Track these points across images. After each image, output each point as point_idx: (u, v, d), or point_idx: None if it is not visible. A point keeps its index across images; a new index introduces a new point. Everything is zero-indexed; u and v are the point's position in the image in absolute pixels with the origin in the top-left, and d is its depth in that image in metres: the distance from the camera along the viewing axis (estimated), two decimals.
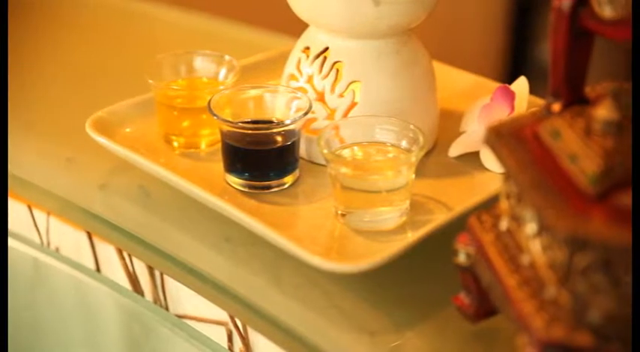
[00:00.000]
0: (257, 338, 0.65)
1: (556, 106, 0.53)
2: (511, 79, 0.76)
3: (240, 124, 0.69)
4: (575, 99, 0.53)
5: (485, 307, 0.56)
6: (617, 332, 0.45)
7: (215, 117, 0.68)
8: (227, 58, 0.77)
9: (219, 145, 0.70)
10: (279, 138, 0.69)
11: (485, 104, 0.73)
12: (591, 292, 0.45)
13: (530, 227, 0.50)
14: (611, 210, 0.45)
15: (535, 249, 0.49)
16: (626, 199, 0.45)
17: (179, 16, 1.06)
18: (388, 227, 0.65)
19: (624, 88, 0.53)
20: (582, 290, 0.45)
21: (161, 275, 0.71)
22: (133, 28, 1.05)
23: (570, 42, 0.51)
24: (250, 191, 0.69)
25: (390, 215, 0.65)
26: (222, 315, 0.67)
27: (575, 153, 0.48)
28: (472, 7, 1.91)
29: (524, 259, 0.50)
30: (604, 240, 0.43)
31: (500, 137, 0.52)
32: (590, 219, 0.45)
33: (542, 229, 0.49)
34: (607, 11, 0.48)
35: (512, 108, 0.71)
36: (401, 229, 0.65)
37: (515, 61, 1.95)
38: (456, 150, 0.73)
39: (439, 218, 0.64)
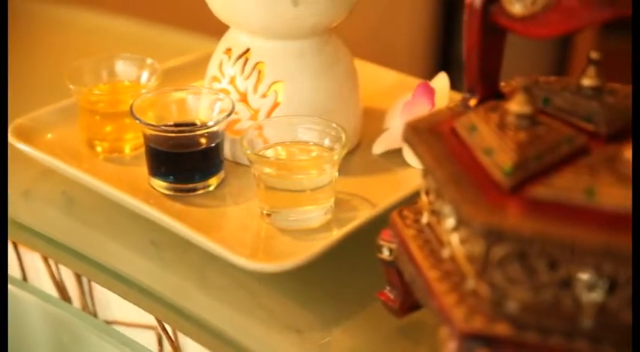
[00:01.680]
0: (186, 342, 0.65)
1: (472, 101, 0.54)
2: None
3: (163, 127, 0.68)
4: (491, 94, 0.54)
5: (409, 301, 0.57)
6: (534, 321, 0.46)
7: (138, 121, 0.67)
8: (149, 61, 0.77)
9: (143, 149, 0.70)
10: (203, 140, 0.68)
11: (407, 101, 0.73)
12: (508, 283, 0.46)
13: (449, 221, 0.51)
14: (525, 202, 0.46)
15: (454, 242, 0.50)
16: (539, 191, 0.46)
17: (100, 20, 1.05)
18: (313, 225, 0.65)
19: (537, 82, 0.54)
20: (499, 281, 0.46)
21: (89, 281, 0.71)
22: (53, 33, 1.03)
23: (483, 38, 0.52)
24: (175, 194, 0.68)
25: (314, 213, 0.65)
26: (152, 320, 0.67)
27: (490, 147, 0.49)
28: (399, 5, 1.92)
29: (445, 253, 0.51)
30: (518, 232, 0.44)
31: (418, 133, 0.52)
32: (504, 211, 0.45)
33: (460, 223, 0.49)
34: (517, 8, 0.49)
35: (433, 104, 0.71)
36: (326, 227, 0.65)
37: (443, 57, 1.97)
38: (379, 147, 0.74)
39: (363, 215, 0.65)
